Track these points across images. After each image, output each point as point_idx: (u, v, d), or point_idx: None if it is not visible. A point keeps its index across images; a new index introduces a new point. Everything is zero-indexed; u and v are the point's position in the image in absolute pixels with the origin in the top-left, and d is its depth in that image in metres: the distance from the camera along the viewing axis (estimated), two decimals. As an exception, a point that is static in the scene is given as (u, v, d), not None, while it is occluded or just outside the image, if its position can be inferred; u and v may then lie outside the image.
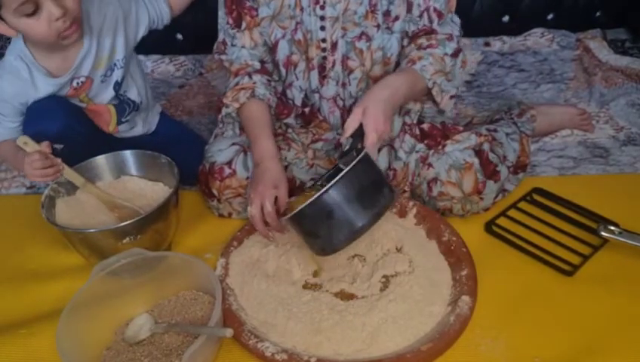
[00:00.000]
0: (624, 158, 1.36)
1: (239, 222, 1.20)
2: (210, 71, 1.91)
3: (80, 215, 1.14)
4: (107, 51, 1.19)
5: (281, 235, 1.10)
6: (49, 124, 1.13)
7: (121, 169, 1.21)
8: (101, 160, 1.19)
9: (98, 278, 0.95)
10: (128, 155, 1.21)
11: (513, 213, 1.19)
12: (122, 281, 0.98)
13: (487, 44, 1.91)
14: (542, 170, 1.34)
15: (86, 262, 1.11)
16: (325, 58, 1.18)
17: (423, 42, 1.14)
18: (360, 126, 0.98)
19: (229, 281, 1.04)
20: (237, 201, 1.20)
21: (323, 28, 1.14)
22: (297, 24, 1.15)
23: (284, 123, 1.30)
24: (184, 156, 1.23)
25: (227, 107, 1.20)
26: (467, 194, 1.13)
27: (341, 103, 1.23)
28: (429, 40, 1.14)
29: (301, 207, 0.92)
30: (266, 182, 1.06)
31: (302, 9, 1.14)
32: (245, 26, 1.19)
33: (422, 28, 1.15)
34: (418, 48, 1.14)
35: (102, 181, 1.19)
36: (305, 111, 1.27)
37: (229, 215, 1.23)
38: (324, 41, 1.16)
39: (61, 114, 1.15)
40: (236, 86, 1.19)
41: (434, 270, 1.03)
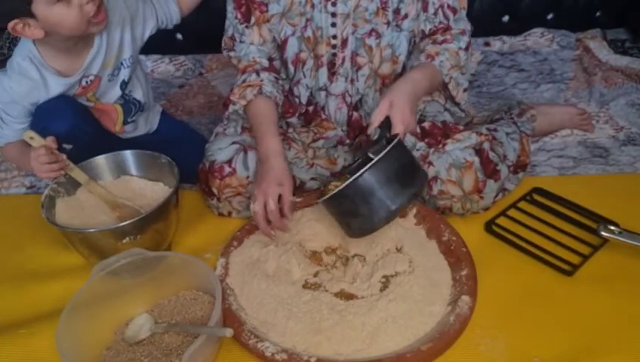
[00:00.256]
0: (624, 158, 1.36)
1: (239, 222, 1.20)
2: (210, 71, 1.91)
3: (80, 215, 1.14)
4: (115, 50, 1.20)
5: (281, 234, 1.10)
6: (57, 124, 1.13)
7: (121, 169, 1.21)
8: (101, 160, 1.19)
9: (98, 278, 0.95)
10: (128, 155, 1.21)
11: (513, 213, 1.19)
12: (122, 281, 0.98)
13: (487, 44, 1.91)
14: (542, 170, 1.34)
15: (86, 262, 1.11)
16: (335, 55, 1.18)
17: (438, 37, 1.18)
18: (386, 117, 1.02)
19: (229, 281, 1.04)
20: (237, 200, 1.20)
21: (334, 24, 1.15)
22: (307, 21, 1.16)
23: (285, 122, 1.30)
24: (186, 155, 1.24)
25: (234, 104, 1.20)
26: (467, 192, 1.13)
27: (349, 100, 1.24)
28: (444, 35, 1.18)
29: (343, 185, 0.93)
30: (271, 179, 1.06)
31: (313, 6, 1.14)
32: (254, 22, 1.19)
33: (439, 26, 1.18)
34: (433, 43, 1.17)
35: (102, 181, 1.19)
36: (308, 110, 1.27)
37: (229, 214, 1.23)
38: (334, 38, 1.16)
39: (69, 113, 1.15)
40: (243, 83, 1.20)
41: (434, 270, 1.03)
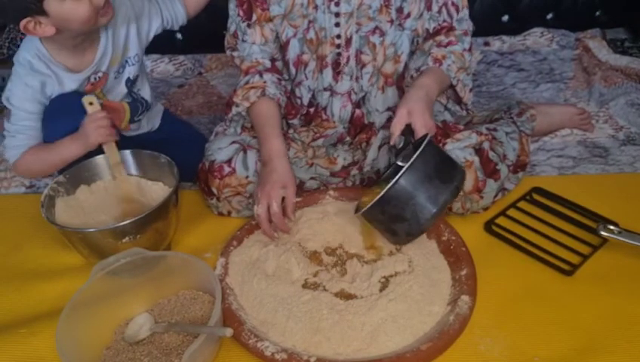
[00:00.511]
0: (623, 158, 1.36)
1: (239, 222, 1.20)
2: (209, 70, 1.91)
3: (79, 214, 1.14)
4: (121, 47, 1.21)
5: (282, 235, 1.10)
6: (69, 120, 1.13)
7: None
8: (101, 159, 1.19)
9: (98, 278, 0.95)
10: (128, 155, 1.20)
11: (513, 213, 1.19)
12: (122, 281, 0.98)
13: (486, 44, 1.91)
14: (541, 170, 1.34)
15: (86, 262, 1.11)
16: (340, 54, 1.18)
17: (443, 39, 1.18)
18: (405, 126, 1.02)
19: (229, 281, 1.04)
20: (236, 200, 1.20)
21: (337, 24, 1.15)
22: (310, 23, 1.16)
23: (287, 123, 1.30)
24: (187, 153, 1.24)
25: (237, 106, 1.20)
26: (467, 192, 1.12)
27: (354, 98, 1.23)
28: (448, 36, 1.18)
29: (385, 189, 0.91)
30: (274, 181, 1.07)
31: (316, 7, 1.14)
32: (256, 20, 1.19)
33: (443, 25, 1.18)
34: (438, 45, 1.17)
35: (102, 180, 1.19)
36: (309, 111, 1.27)
37: (229, 213, 1.23)
38: (338, 37, 1.16)
39: (80, 110, 1.14)
40: (246, 84, 1.20)
41: (433, 269, 1.03)
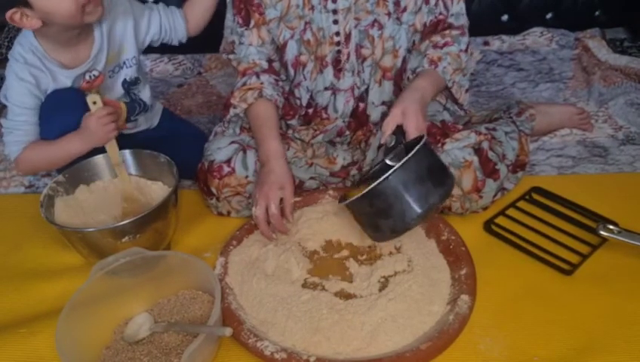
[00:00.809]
0: (623, 157, 1.36)
1: (238, 221, 1.20)
2: (208, 70, 1.91)
3: (79, 214, 1.14)
4: (117, 47, 1.21)
5: (281, 234, 1.10)
6: (65, 116, 1.14)
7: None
8: (100, 159, 1.19)
9: (97, 277, 0.95)
10: (127, 154, 1.20)
11: (512, 212, 1.19)
12: (121, 280, 0.98)
13: (486, 43, 1.91)
14: (541, 169, 1.34)
15: (85, 261, 1.11)
16: (339, 52, 1.18)
17: (439, 40, 1.17)
18: (397, 126, 1.03)
19: (229, 280, 1.04)
20: (236, 200, 1.20)
21: (336, 22, 1.14)
22: (306, 24, 1.15)
23: (285, 123, 1.30)
24: (186, 151, 1.24)
25: (235, 107, 1.20)
26: (466, 192, 1.13)
27: (357, 92, 1.23)
28: (444, 37, 1.17)
29: (379, 181, 0.90)
30: (272, 183, 1.07)
31: (312, 7, 1.14)
32: (253, 24, 1.19)
33: (439, 17, 1.18)
34: (434, 46, 1.17)
35: (101, 180, 1.19)
36: (308, 112, 1.27)
37: (228, 213, 1.23)
38: (337, 35, 1.16)
39: (76, 106, 1.15)
40: (243, 86, 1.19)
41: (433, 269, 1.03)
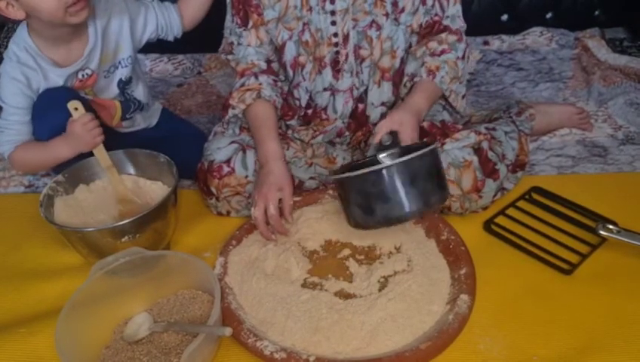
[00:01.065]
0: (623, 157, 1.36)
1: (238, 221, 1.20)
2: (208, 70, 1.91)
3: (78, 214, 1.14)
4: (112, 47, 1.21)
5: (281, 236, 1.10)
6: (57, 114, 1.13)
7: (119, 167, 1.20)
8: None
9: (97, 277, 0.95)
10: (127, 154, 1.20)
11: (512, 212, 1.19)
12: (121, 280, 0.98)
13: (485, 43, 1.91)
14: (541, 169, 1.34)
15: (85, 261, 1.11)
16: (338, 53, 1.18)
17: (436, 47, 1.17)
18: (390, 131, 1.05)
19: (228, 280, 1.04)
20: (235, 200, 1.20)
21: (334, 23, 1.14)
22: (304, 25, 1.15)
23: (285, 123, 1.30)
24: (186, 150, 1.24)
25: (233, 108, 1.20)
26: (466, 192, 1.13)
27: (356, 93, 1.23)
28: (441, 44, 1.17)
29: (394, 162, 0.89)
30: (271, 184, 1.06)
31: (310, 9, 1.13)
32: (252, 25, 1.18)
33: (434, 18, 1.18)
34: (432, 54, 1.17)
35: (101, 180, 1.19)
36: (307, 112, 1.27)
37: (228, 213, 1.23)
38: (335, 36, 1.16)
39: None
40: (242, 87, 1.19)
41: (433, 269, 1.03)
